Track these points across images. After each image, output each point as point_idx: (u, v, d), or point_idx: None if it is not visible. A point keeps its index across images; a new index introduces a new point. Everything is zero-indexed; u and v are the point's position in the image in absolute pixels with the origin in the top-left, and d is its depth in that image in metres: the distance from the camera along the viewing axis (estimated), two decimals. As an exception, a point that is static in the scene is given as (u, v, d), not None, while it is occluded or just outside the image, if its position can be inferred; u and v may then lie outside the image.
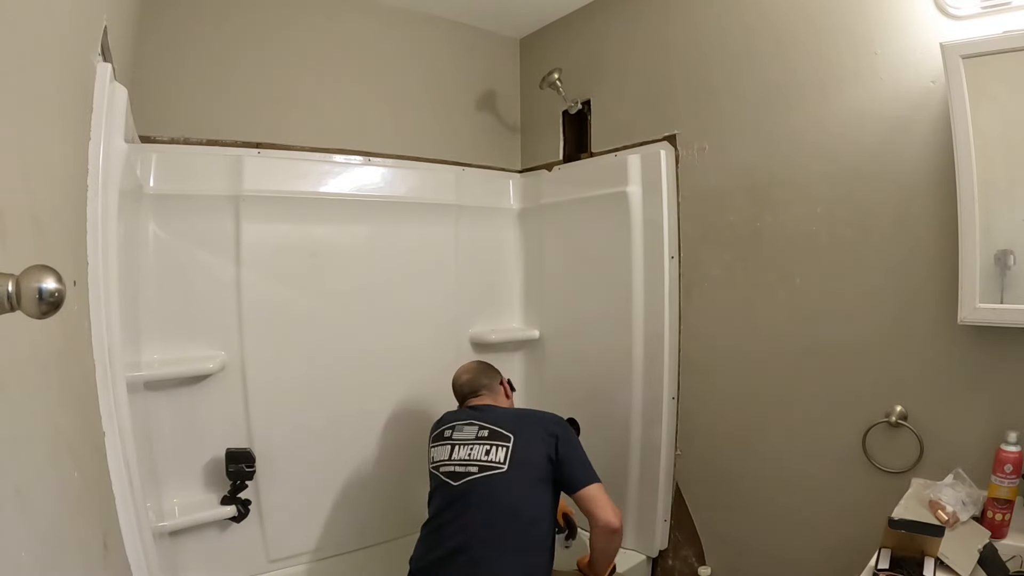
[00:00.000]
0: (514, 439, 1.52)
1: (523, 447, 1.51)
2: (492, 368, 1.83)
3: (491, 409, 1.65)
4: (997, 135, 1.24)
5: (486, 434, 1.55)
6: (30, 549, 0.58)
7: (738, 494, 1.84)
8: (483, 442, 1.54)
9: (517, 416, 1.63)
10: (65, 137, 0.86)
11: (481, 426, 1.57)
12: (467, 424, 1.59)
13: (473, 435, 1.56)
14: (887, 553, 1.10)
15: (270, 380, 1.91)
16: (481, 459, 1.51)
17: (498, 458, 1.50)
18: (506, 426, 1.55)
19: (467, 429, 1.58)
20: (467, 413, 1.65)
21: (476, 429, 1.57)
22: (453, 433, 1.60)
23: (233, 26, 1.91)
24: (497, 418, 1.59)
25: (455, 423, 1.63)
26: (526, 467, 1.49)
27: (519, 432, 1.53)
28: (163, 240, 1.77)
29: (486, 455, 1.51)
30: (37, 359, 0.67)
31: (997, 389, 1.30)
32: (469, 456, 1.53)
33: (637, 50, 2.09)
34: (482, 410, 1.64)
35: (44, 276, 0.45)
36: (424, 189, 2.22)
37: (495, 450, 1.51)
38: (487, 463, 1.50)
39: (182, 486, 1.80)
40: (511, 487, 1.47)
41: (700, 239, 1.91)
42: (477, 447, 1.53)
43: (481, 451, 1.52)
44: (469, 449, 1.54)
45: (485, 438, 1.54)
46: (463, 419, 1.62)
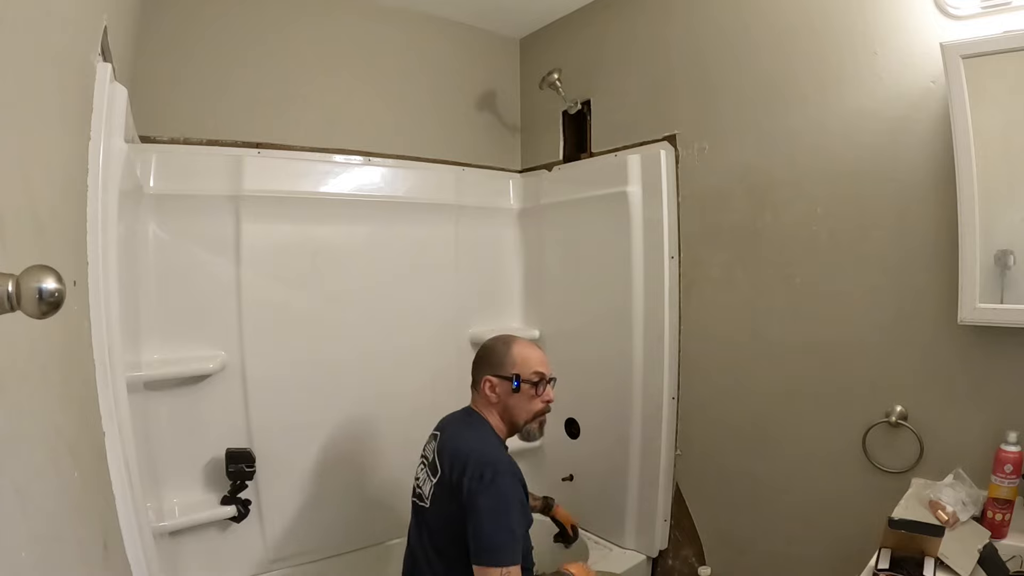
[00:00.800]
0: (439, 476, 1.34)
1: (442, 489, 1.33)
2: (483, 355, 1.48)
3: (457, 427, 1.46)
4: (997, 135, 1.24)
5: (430, 458, 1.42)
6: (30, 549, 0.58)
7: (738, 494, 1.84)
8: (424, 468, 1.43)
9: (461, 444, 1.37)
10: (65, 137, 0.86)
11: (434, 447, 1.42)
12: (432, 439, 1.47)
13: (430, 457, 1.43)
14: (887, 553, 1.10)
15: (270, 380, 1.91)
16: (420, 487, 1.42)
17: (426, 491, 1.39)
18: (443, 457, 1.36)
19: (429, 446, 1.46)
20: (444, 421, 1.52)
21: (432, 449, 1.43)
22: (426, 445, 1.50)
23: (233, 26, 1.91)
24: (447, 444, 1.39)
25: (433, 432, 1.51)
26: (441, 513, 1.33)
27: (447, 470, 1.33)
28: (163, 240, 1.77)
29: (422, 485, 1.42)
30: (37, 359, 0.67)
31: (997, 389, 1.30)
32: (419, 480, 1.45)
33: (637, 50, 2.09)
34: (450, 424, 1.48)
35: (44, 276, 0.45)
36: (424, 189, 2.22)
37: (427, 483, 1.39)
38: (421, 493, 1.41)
39: (182, 486, 1.80)
40: (427, 528, 1.37)
41: (700, 239, 1.91)
42: (422, 471, 1.44)
43: (422, 478, 1.43)
44: (420, 469, 1.47)
45: (427, 463, 1.42)
46: (435, 430, 1.50)
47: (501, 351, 1.45)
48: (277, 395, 1.92)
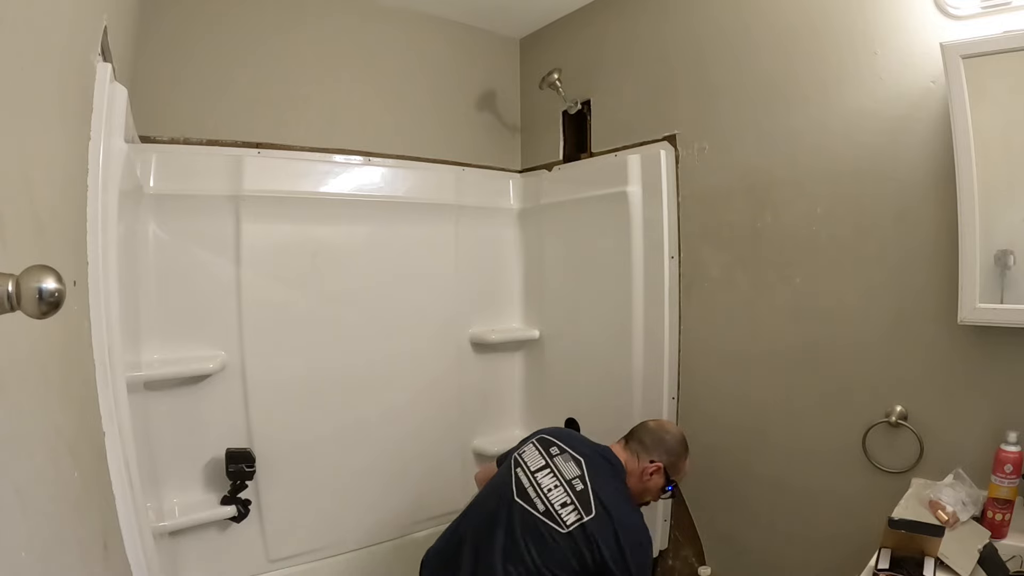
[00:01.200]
0: (593, 516, 1.35)
1: (591, 533, 1.33)
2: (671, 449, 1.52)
3: (605, 471, 1.45)
4: (997, 135, 1.24)
5: (579, 489, 1.39)
6: (30, 549, 0.58)
7: (738, 494, 1.84)
8: (568, 492, 1.39)
9: (617, 502, 1.40)
10: (65, 137, 0.86)
11: (581, 476, 1.41)
12: (573, 461, 1.45)
13: (568, 477, 1.41)
14: (887, 553, 1.10)
15: (270, 380, 1.91)
16: (554, 504, 1.38)
17: (567, 518, 1.35)
18: (602, 500, 1.37)
19: (570, 466, 1.44)
20: (584, 450, 1.49)
21: (576, 475, 1.41)
22: (557, 456, 1.46)
23: (233, 26, 1.91)
24: (601, 487, 1.40)
25: (567, 451, 1.48)
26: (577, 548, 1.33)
27: (601, 518, 1.35)
28: (163, 240, 1.77)
29: (560, 506, 1.37)
30: (37, 359, 0.67)
31: (997, 389, 1.30)
32: (547, 490, 1.40)
33: (637, 50, 2.09)
34: (595, 462, 1.46)
35: (44, 276, 0.45)
36: (424, 189, 2.22)
37: (570, 509, 1.36)
38: (555, 512, 1.37)
39: (182, 486, 1.80)
40: (553, 549, 1.33)
41: (700, 239, 1.91)
42: (559, 491, 1.40)
43: (559, 497, 1.38)
44: (553, 483, 1.41)
45: (574, 492, 1.39)
46: (572, 450, 1.48)
47: (681, 454, 1.55)
48: (277, 395, 1.93)
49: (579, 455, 1.48)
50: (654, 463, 1.49)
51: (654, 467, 1.49)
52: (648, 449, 1.51)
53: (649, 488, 1.51)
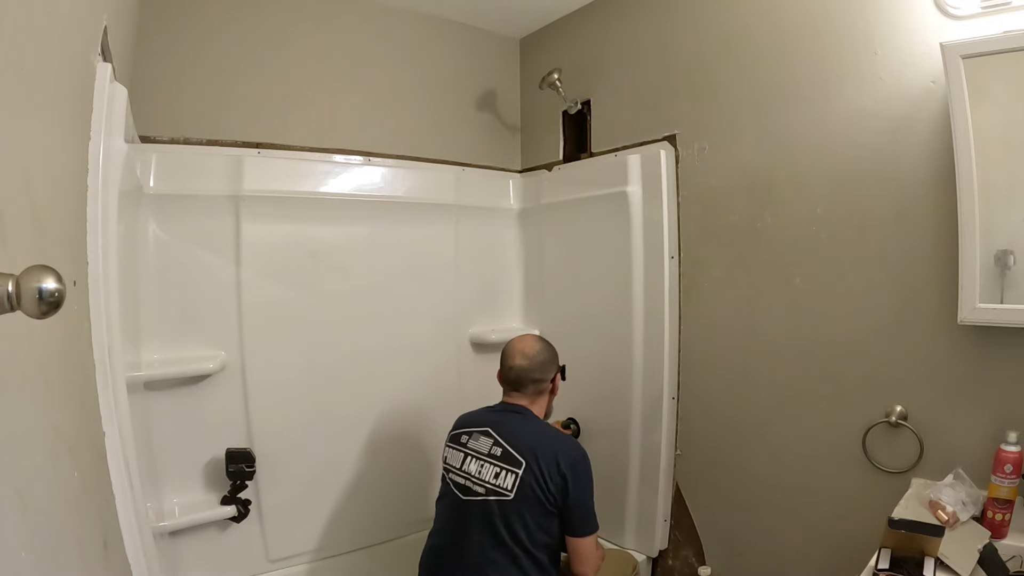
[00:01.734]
0: (524, 467, 1.43)
1: (532, 478, 1.42)
2: (551, 359, 1.62)
3: (513, 423, 1.53)
4: (997, 135, 1.24)
5: (499, 453, 1.47)
6: (30, 549, 0.58)
7: (738, 494, 1.84)
8: (494, 462, 1.46)
9: (536, 438, 1.48)
10: (65, 137, 0.86)
11: (496, 442, 1.48)
12: (483, 435, 1.52)
13: (486, 450, 1.49)
14: (887, 553, 1.10)
15: (270, 380, 1.91)
16: (489, 481, 1.45)
17: (506, 484, 1.43)
18: (521, 449, 1.45)
19: (482, 440, 1.51)
20: (486, 419, 1.56)
21: (491, 444, 1.49)
22: (468, 441, 1.53)
23: (233, 26, 1.91)
24: (515, 438, 1.48)
25: (472, 430, 1.56)
26: (532, 499, 1.42)
27: (532, 461, 1.43)
28: (163, 240, 1.77)
29: (495, 478, 1.44)
30: (37, 359, 0.67)
31: (997, 389, 1.30)
32: (479, 473, 1.47)
33: (637, 50, 2.09)
34: (503, 421, 1.54)
35: (44, 276, 0.45)
36: (424, 189, 2.22)
37: (504, 475, 1.44)
38: (494, 487, 1.44)
39: (182, 486, 1.80)
40: (514, 516, 1.41)
41: (700, 239, 1.91)
42: (488, 466, 1.46)
43: (491, 472, 1.45)
44: (480, 465, 1.48)
45: (497, 458, 1.46)
46: (481, 426, 1.55)
47: (552, 349, 1.64)
48: (277, 395, 1.93)
49: (484, 426, 1.55)
50: (553, 381, 1.64)
51: (556, 381, 1.65)
52: (540, 380, 1.60)
53: (555, 393, 1.67)
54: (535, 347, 1.60)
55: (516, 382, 1.59)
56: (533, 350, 1.59)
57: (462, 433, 1.58)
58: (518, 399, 1.59)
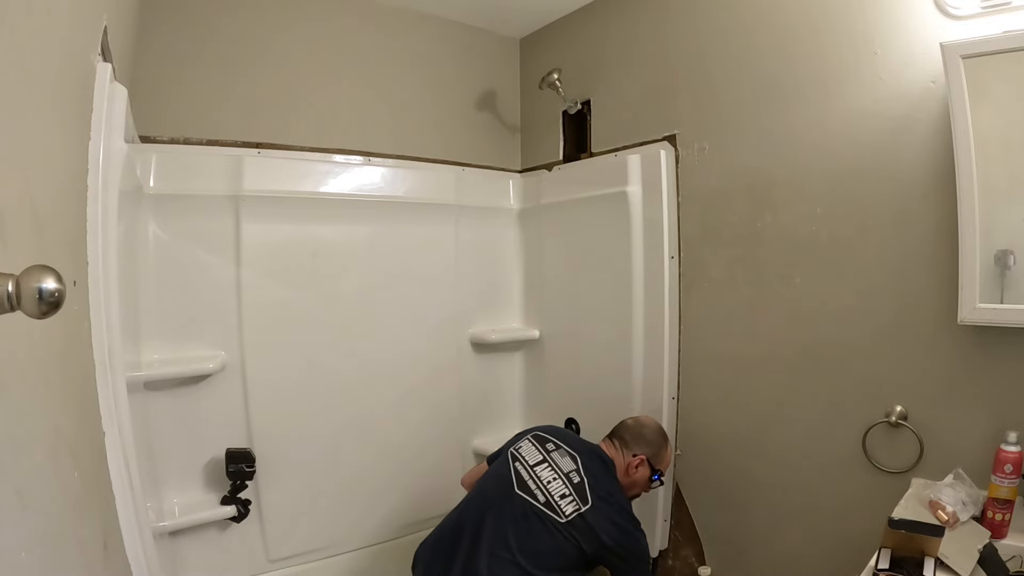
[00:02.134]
0: (589, 507, 1.43)
1: (588, 523, 1.42)
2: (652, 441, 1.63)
3: (598, 466, 1.54)
4: (997, 135, 1.24)
5: (576, 481, 1.47)
6: (30, 549, 0.58)
7: (738, 494, 1.84)
8: (567, 485, 1.47)
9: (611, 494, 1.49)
10: (65, 137, 0.86)
11: (579, 471, 1.50)
12: (571, 458, 1.53)
13: (566, 470, 1.49)
14: (887, 553, 1.10)
15: (270, 380, 1.91)
16: (553, 495, 1.45)
17: (565, 509, 1.43)
18: (598, 493, 1.46)
19: (566, 460, 1.52)
20: (574, 445, 1.58)
21: (573, 469, 1.50)
22: (554, 452, 1.54)
23: (233, 26, 1.91)
24: (597, 482, 1.49)
25: (560, 445, 1.57)
26: (575, 536, 1.41)
27: (596, 508, 1.44)
28: (163, 240, 1.77)
29: (561, 498, 1.45)
30: (37, 359, 0.67)
31: (997, 389, 1.30)
32: (547, 482, 1.48)
33: (637, 50, 2.09)
34: (588, 458, 1.55)
35: (44, 276, 0.45)
36: (424, 189, 2.22)
37: (569, 500, 1.44)
38: (554, 503, 1.44)
39: (182, 486, 1.80)
40: (551, 536, 1.41)
41: (700, 239, 1.91)
42: (558, 483, 1.47)
43: (559, 489, 1.46)
44: (552, 477, 1.49)
45: (572, 484, 1.47)
46: (568, 446, 1.56)
47: (662, 445, 1.66)
48: (277, 395, 1.93)
49: (574, 451, 1.56)
50: (637, 456, 1.59)
51: (638, 460, 1.59)
52: (629, 444, 1.62)
53: (637, 481, 1.61)
54: (652, 427, 1.68)
55: (614, 431, 1.68)
56: (648, 424, 1.68)
57: (550, 440, 1.60)
58: (608, 448, 1.63)
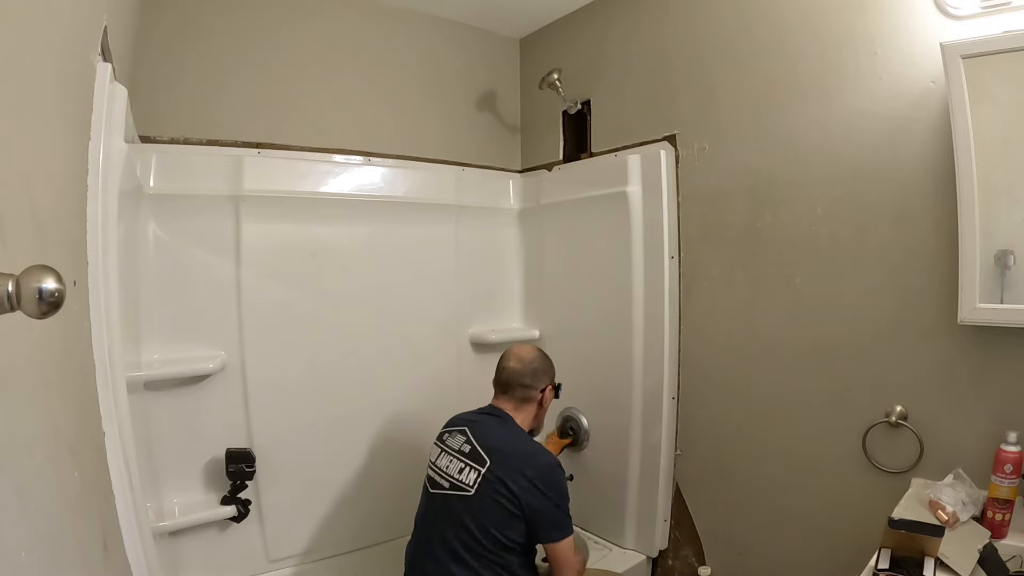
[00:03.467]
0: (488, 465, 1.45)
1: (495, 477, 1.43)
2: (544, 370, 1.64)
3: (489, 424, 1.56)
4: (997, 135, 1.24)
5: (467, 451, 1.50)
6: (30, 549, 0.58)
7: (738, 494, 1.84)
8: (461, 458, 1.50)
9: (505, 441, 1.51)
10: (65, 137, 0.86)
11: (467, 440, 1.52)
12: (460, 433, 1.56)
13: (457, 447, 1.53)
14: (887, 553, 1.10)
15: (270, 380, 1.91)
16: (453, 476, 1.49)
17: (468, 480, 1.45)
18: (489, 449, 1.48)
19: (457, 438, 1.55)
20: (467, 419, 1.60)
21: (463, 442, 1.53)
22: (447, 438, 1.58)
23: (233, 26, 1.91)
24: (485, 438, 1.51)
25: (453, 428, 1.60)
26: (492, 498, 1.42)
27: (496, 461, 1.45)
28: (163, 240, 1.77)
29: (459, 473, 1.48)
30: (37, 359, 0.67)
31: (997, 389, 1.30)
32: (447, 468, 1.51)
33: (637, 50, 2.09)
34: (480, 421, 1.57)
35: (44, 276, 0.45)
36: (424, 189, 2.22)
37: (468, 471, 1.47)
38: (457, 481, 1.47)
39: (182, 486, 1.80)
40: (475, 513, 1.43)
41: (700, 239, 1.91)
42: (455, 462, 1.50)
43: (456, 467, 1.49)
44: (449, 460, 1.52)
45: (464, 455, 1.50)
46: (458, 426, 1.59)
47: (551, 362, 1.66)
48: (277, 395, 1.92)
49: (463, 425, 1.58)
50: (545, 390, 1.63)
51: (547, 392, 1.64)
52: (528, 388, 1.60)
53: (545, 407, 1.66)
54: (532, 354, 1.63)
55: (505, 384, 1.61)
56: (529, 356, 1.63)
57: (445, 432, 1.62)
58: (503, 403, 1.61)
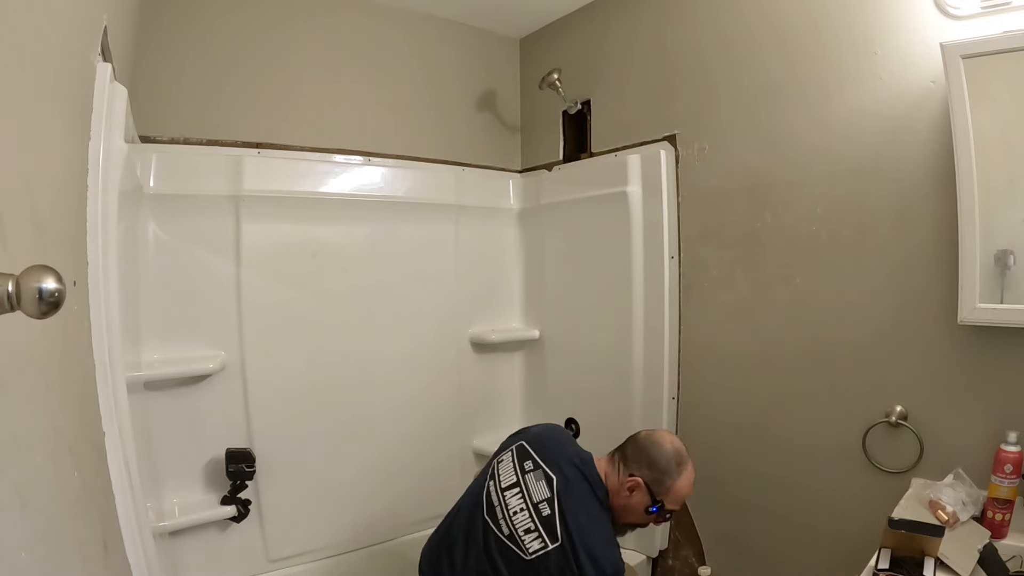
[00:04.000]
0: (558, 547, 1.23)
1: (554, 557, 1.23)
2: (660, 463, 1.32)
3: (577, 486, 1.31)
4: (997, 135, 1.24)
5: (545, 514, 1.27)
6: (30, 549, 0.58)
7: (738, 493, 1.84)
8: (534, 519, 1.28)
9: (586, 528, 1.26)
10: (65, 137, 0.86)
11: (551, 499, 1.28)
12: (545, 479, 1.31)
13: (536, 500, 1.29)
14: (887, 553, 1.10)
15: (270, 380, 1.91)
16: (517, 530, 1.28)
17: (530, 546, 1.25)
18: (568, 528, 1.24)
19: (540, 486, 1.31)
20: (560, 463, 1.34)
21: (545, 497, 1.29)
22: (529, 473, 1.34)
23: (233, 26, 1.91)
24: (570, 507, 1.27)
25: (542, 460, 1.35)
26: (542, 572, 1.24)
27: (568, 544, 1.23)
28: (163, 240, 1.77)
29: (524, 532, 1.27)
30: (37, 359, 0.67)
31: (997, 389, 1.30)
32: (513, 515, 1.29)
33: (637, 50, 2.09)
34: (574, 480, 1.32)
35: (44, 276, 0.45)
36: (424, 189, 2.22)
37: (533, 537, 1.26)
38: (519, 539, 1.27)
39: (182, 486, 1.80)
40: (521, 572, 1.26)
41: (700, 239, 1.91)
42: (523, 516, 1.29)
43: (523, 522, 1.28)
44: (519, 505, 1.30)
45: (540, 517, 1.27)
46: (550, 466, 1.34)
47: (670, 471, 1.32)
48: (277, 395, 1.92)
49: (553, 472, 1.33)
50: (632, 478, 1.32)
51: (632, 482, 1.31)
52: (629, 462, 1.35)
53: (631, 507, 1.33)
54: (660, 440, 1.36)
55: (622, 444, 1.41)
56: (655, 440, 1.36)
57: (530, 457, 1.38)
58: (605, 464, 1.38)
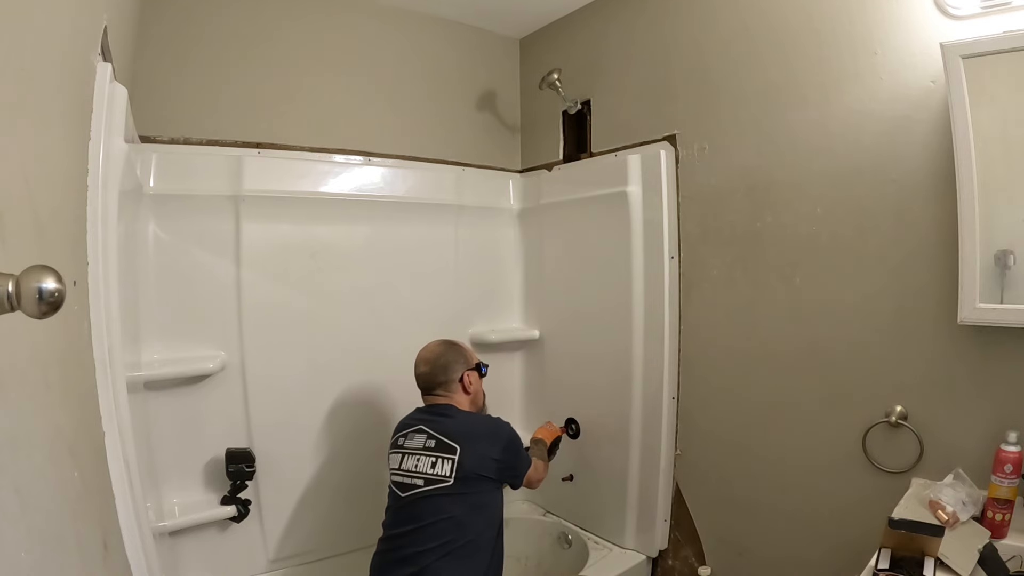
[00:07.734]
0: (459, 451, 1.52)
1: (469, 461, 1.51)
2: (452, 358, 1.69)
3: (442, 415, 1.62)
4: (997, 135, 1.24)
5: (433, 445, 1.54)
6: (30, 549, 0.58)
7: (738, 494, 1.84)
8: (430, 453, 1.53)
9: (464, 425, 1.59)
10: (65, 137, 0.86)
11: (429, 436, 1.56)
12: (417, 432, 1.59)
13: (421, 444, 1.56)
14: (887, 553, 1.10)
15: (270, 380, 1.91)
16: (427, 472, 1.51)
17: (443, 471, 1.50)
18: (453, 436, 1.54)
19: (416, 438, 1.58)
20: (418, 418, 1.64)
21: (424, 438, 1.56)
22: (405, 441, 1.60)
23: (233, 26, 1.91)
24: (445, 428, 1.57)
25: (407, 430, 1.62)
26: (471, 479, 1.50)
27: (466, 445, 1.53)
28: (163, 240, 1.77)
29: (431, 468, 1.51)
30: (37, 359, 0.67)
31: (997, 389, 1.30)
32: (416, 467, 1.53)
33: (637, 50, 2.09)
34: (434, 417, 1.62)
35: (44, 276, 0.45)
36: (424, 189, 2.22)
37: (441, 463, 1.51)
38: (433, 476, 1.50)
39: (182, 486, 1.80)
40: (457, 501, 1.48)
41: (700, 239, 1.91)
42: (424, 458, 1.53)
43: (427, 463, 1.52)
44: (416, 460, 1.54)
45: (432, 450, 1.53)
46: (413, 426, 1.61)
47: (459, 352, 1.71)
48: (277, 395, 1.93)
49: (416, 424, 1.62)
50: (463, 377, 1.68)
51: (465, 379, 1.68)
52: (448, 382, 1.67)
53: (477, 390, 1.72)
54: (435, 351, 1.70)
55: (425, 387, 1.68)
56: (433, 355, 1.69)
57: (399, 436, 1.64)
58: (437, 399, 1.67)
